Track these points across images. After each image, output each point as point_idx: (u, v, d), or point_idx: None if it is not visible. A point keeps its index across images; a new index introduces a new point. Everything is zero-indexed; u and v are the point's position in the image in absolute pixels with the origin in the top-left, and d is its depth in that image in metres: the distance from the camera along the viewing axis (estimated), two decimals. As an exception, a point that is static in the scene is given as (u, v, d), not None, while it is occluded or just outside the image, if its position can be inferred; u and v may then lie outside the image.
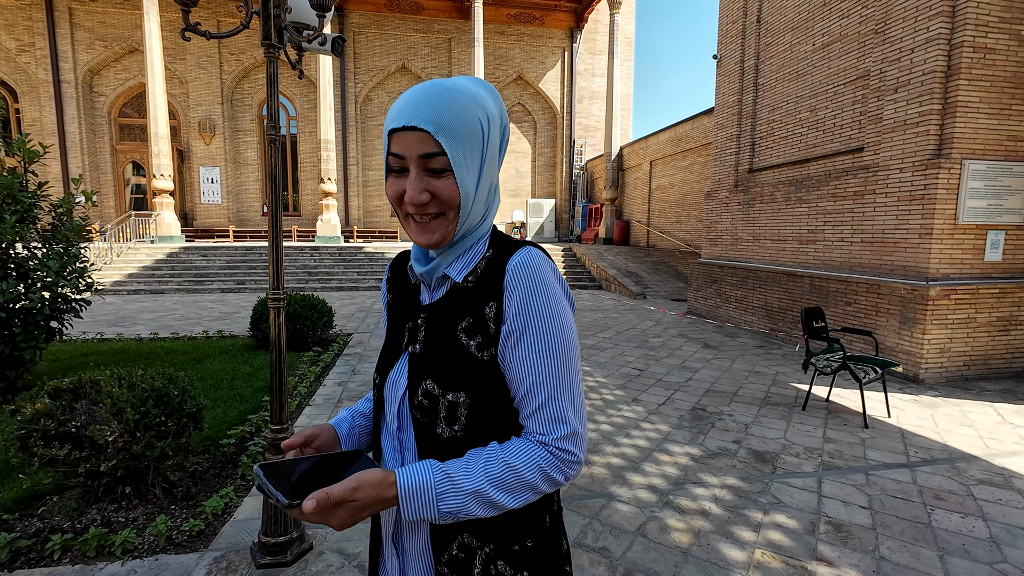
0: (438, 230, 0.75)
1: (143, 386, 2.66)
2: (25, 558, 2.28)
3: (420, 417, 0.76)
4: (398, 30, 18.76)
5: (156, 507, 2.68)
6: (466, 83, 0.74)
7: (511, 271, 0.74)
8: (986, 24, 5.12)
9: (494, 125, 0.75)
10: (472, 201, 0.75)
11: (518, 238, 0.85)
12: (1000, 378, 5.55)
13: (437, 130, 0.69)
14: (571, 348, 0.74)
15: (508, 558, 0.77)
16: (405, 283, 0.89)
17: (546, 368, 0.72)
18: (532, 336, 0.72)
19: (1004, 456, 3.58)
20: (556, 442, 0.71)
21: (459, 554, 0.76)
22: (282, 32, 2.08)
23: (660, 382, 5.29)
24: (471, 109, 0.71)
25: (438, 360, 0.76)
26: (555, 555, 0.82)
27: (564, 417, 0.72)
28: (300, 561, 2.33)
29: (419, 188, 0.71)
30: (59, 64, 16.68)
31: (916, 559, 2.41)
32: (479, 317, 0.75)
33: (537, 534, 0.80)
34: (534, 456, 0.71)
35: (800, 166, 7.45)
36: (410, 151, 0.70)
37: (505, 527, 0.77)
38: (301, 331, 6.15)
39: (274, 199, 2.20)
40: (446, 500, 0.68)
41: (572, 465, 0.72)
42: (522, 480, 0.70)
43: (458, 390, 0.74)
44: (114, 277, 12.13)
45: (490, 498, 0.69)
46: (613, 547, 2.48)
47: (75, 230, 4.42)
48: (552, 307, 0.73)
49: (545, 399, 0.72)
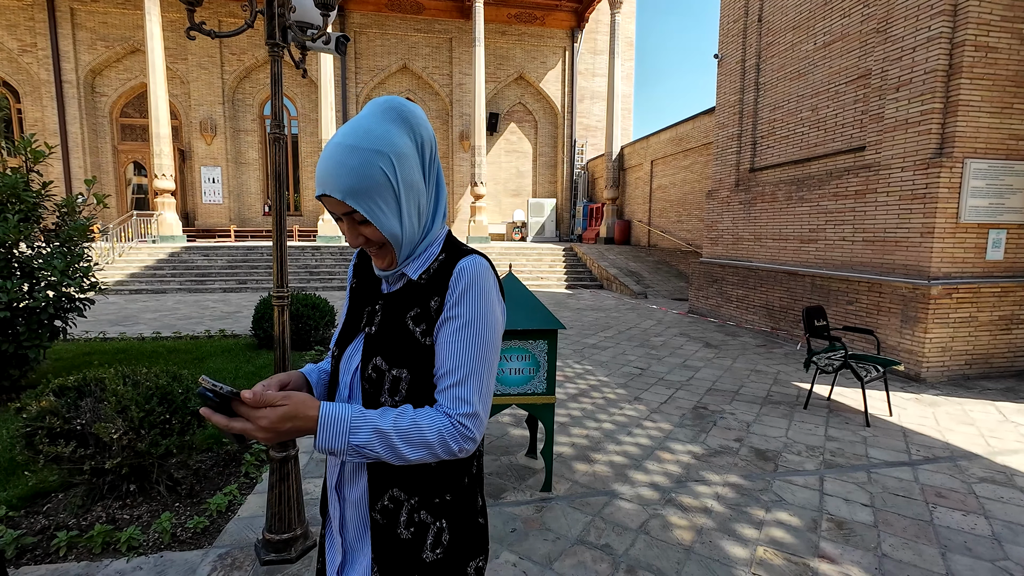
0: (385, 257, 0.89)
1: (147, 384, 2.67)
2: (31, 554, 2.29)
3: (368, 387, 0.88)
4: (399, 30, 18.77)
5: (160, 504, 2.70)
6: (370, 124, 0.81)
7: (456, 272, 0.86)
8: (988, 23, 5.12)
9: (403, 161, 0.83)
10: (401, 233, 0.85)
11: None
12: (1002, 377, 5.55)
13: (344, 196, 0.79)
14: (489, 343, 0.86)
15: (430, 509, 0.89)
16: (370, 272, 1.00)
17: (464, 354, 0.84)
18: (458, 326, 0.84)
19: (1005, 454, 3.59)
20: (459, 416, 0.82)
21: (389, 504, 0.89)
22: (286, 31, 2.09)
23: (662, 381, 5.30)
24: (371, 162, 0.79)
25: (388, 341, 0.88)
26: (470, 508, 0.94)
27: (470, 399, 0.83)
28: (304, 558, 2.34)
29: (353, 236, 0.86)
30: (61, 64, 16.72)
31: (918, 556, 2.41)
32: (425, 308, 0.87)
33: (456, 490, 0.92)
34: (438, 422, 0.81)
35: (801, 165, 7.45)
36: (335, 211, 0.84)
37: (428, 483, 0.89)
38: (303, 330, 6.16)
39: (278, 198, 2.21)
40: (357, 434, 0.78)
41: (467, 440, 0.83)
42: (423, 438, 0.80)
43: (401, 367, 0.86)
44: (116, 277, 12.15)
45: (392, 443, 0.78)
46: (616, 544, 2.49)
47: (79, 229, 4.44)
48: (482, 306, 0.85)
49: (458, 380, 0.83)
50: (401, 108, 0.84)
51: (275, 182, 2.19)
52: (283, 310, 2.25)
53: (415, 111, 0.86)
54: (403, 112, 0.84)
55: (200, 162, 18.15)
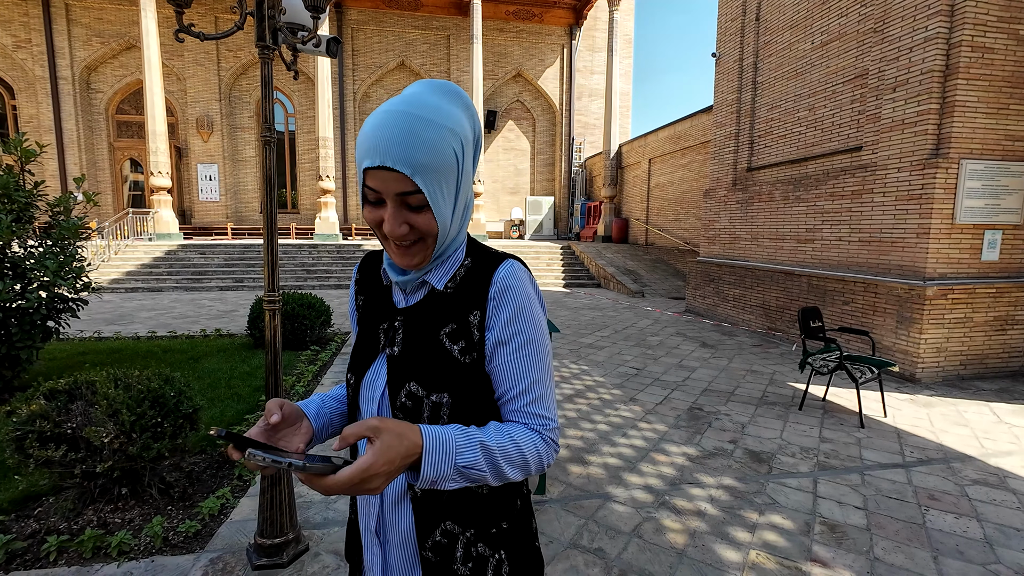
0: (419, 254, 0.77)
1: (139, 387, 2.66)
2: (21, 559, 2.28)
3: (402, 417, 0.79)
4: (396, 26, 18.69)
5: (152, 508, 2.68)
6: (439, 102, 0.72)
7: (500, 284, 0.79)
8: (984, 23, 5.12)
9: (468, 148, 0.75)
10: (450, 226, 0.77)
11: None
12: (996, 377, 5.56)
13: (414, 172, 0.69)
14: (548, 354, 0.83)
15: (487, 540, 0.83)
16: (376, 284, 0.90)
17: (532, 374, 0.79)
18: (518, 345, 0.79)
19: (999, 456, 3.60)
20: (547, 432, 0.80)
21: (442, 540, 0.81)
22: (276, 33, 2.07)
23: (657, 381, 5.30)
24: (446, 140, 0.70)
25: (421, 363, 0.79)
26: (527, 534, 0.89)
27: (550, 414, 0.81)
28: (296, 563, 2.33)
29: (399, 222, 0.73)
30: (56, 60, 16.61)
31: (910, 560, 2.42)
32: (463, 324, 0.79)
33: (511, 516, 0.86)
34: (533, 439, 0.78)
35: (798, 165, 7.45)
36: (387, 189, 0.71)
37: (483, 512, 0.83)
38: (299, 330, 6.14)
39: (269, 201, 2.19)
40: (464, 454, 0.70)
41: (555, 453, 0.81)
42: (522, 455, 0.75)
43: (441, 391, 0.78)
44: (112, 275, 12.11)
45: (497, 462, 0.73)
46: (608, 548, 2.49)
47: (71, 229, 4.41)
48: (536, 319, 0.81)
49: (533, 399, 0.80)
50: (464, 95, 0.77)
51: (265, 185, 2.18)
52: (274, 314, 2.24)
53: (471, 101, 0.79)
54: (466, 100, 0.77)
55: (197, 159, 18.07)
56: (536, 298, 0.82)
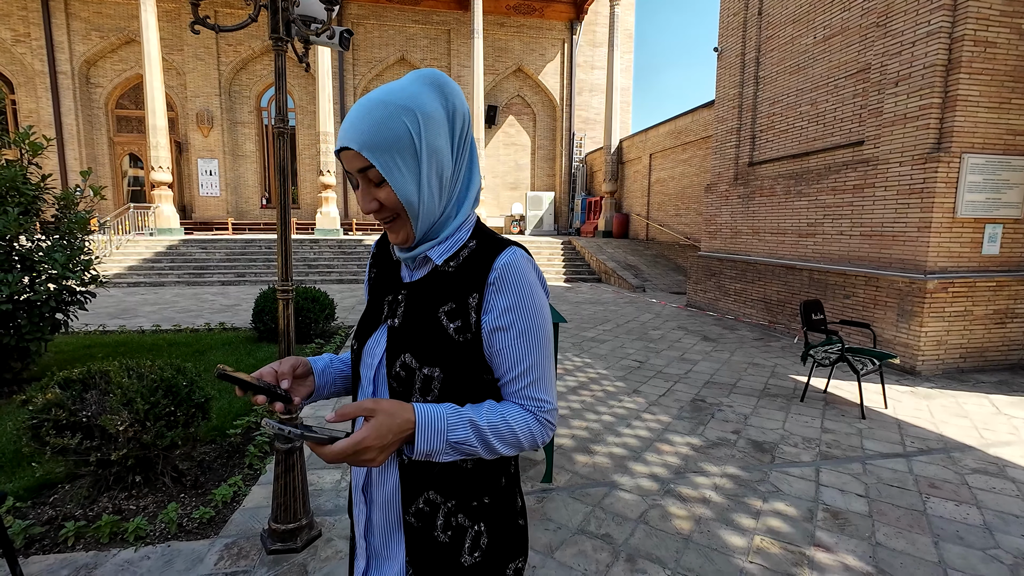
0: (400, 230, 0.84)
1: (152, 377, 2.69)
2: (39, 544, 2.32)
3: (396, 386, 0.84)
4: (397, 21, 18.64)
5: (166, 495, 2.73)
6: (403, 84, 0.78)
7: (500, 271, 0.82)
8: (987, 18, 5.13)
9: (429, 124, 0.78)
10: (418, 202, 0.80)
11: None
12: (996, 370, 5.61)
13: (361, 147, 0.75)
14: (549, 338, 0.86)
15: (467, 512, 0.86)
16: (388, 259, 0.97)
17: (530, 358, 0.83)
18: (518, 331, 0.82)
19: (998, 446, 3.65)
20: (542, 413, 0.84)
21: (424, 507, 0.85)
22: (290, 25, 2.10)
23: (660, 374, 5.34)
24: (396, 117, 0.75)
25: (417, 336, 0.83)
26: (510, 511, 0.92)
27: (546, 396, 0.85)
28: (310, 547, 2.37)
29: (367, 199, 0.81)
30: (55, 55, 16.56)
31: (911, 545, 2.47)
32: (461, 304, 0.83)
33: (494, 492, 0.89)
34: (526, 418, 0.82)
35: (800, 159, 7.47)
36: (351, 167, 0.79)
37: (466, 486, 0.86)
38: (304, 323, 6.18)
39: (282, 192, 2.22)
40: (455, 430, 0.75)
41: (550, 432, 0.85)
42: (513, 433, 0.80)
43: (433, 365, 0.82)
44: (114, 270, 12.12)
45: (487, 438, 0.78)
46: (616, 534, 2.54)
47: (79, 222, 4.43)
48: (537, 304, 0.84)
49: (530, 381, 0.83)
50: (437, 76, 0.81)
51: (279, 176, 2.20)
52: (288, 303, 2.27)
53: (452, 82, 0.82)
54: (439, 79, 0.81)
55: (197, 154, 18.05)
56: (538, 285, 0.85)
